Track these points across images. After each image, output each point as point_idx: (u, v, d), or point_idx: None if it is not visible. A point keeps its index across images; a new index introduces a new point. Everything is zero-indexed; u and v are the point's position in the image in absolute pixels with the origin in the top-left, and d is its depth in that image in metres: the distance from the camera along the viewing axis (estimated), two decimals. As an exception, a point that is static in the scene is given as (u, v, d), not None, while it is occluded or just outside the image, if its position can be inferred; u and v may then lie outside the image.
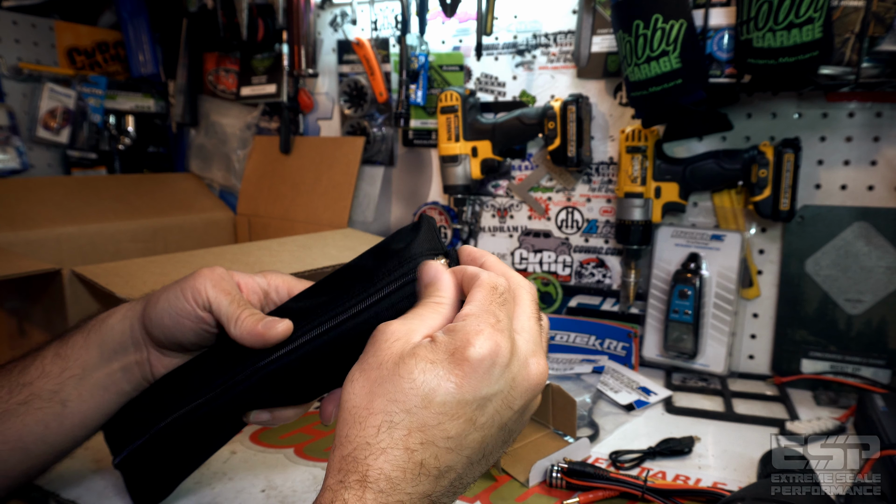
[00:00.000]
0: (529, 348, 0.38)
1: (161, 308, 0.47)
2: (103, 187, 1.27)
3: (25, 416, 0.48)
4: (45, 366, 0.50)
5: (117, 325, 0.50)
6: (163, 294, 0.48)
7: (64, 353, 0.50)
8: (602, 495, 0.61)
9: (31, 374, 0.49)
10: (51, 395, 0.49)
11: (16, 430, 0.48)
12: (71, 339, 0.51)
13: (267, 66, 1.31)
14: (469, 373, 0.34)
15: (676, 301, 0.93)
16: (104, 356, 0.50)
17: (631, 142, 0.93)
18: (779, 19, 0.71)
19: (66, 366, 0.50)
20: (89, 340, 0.50)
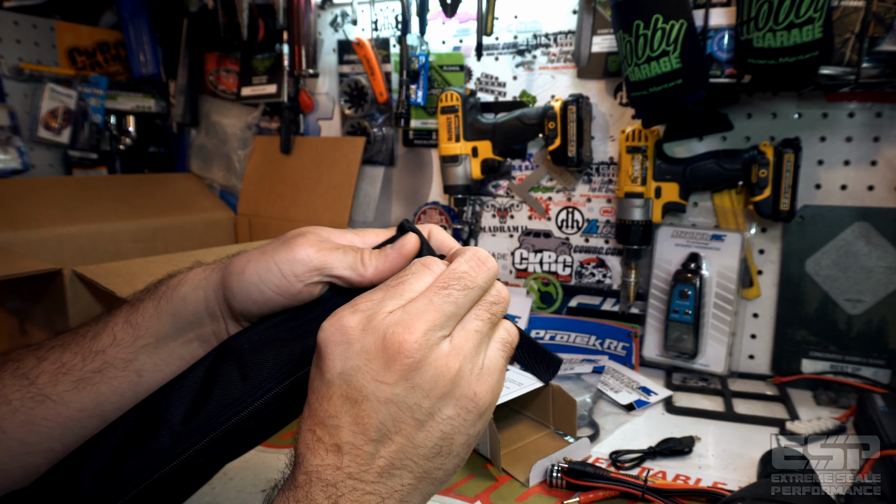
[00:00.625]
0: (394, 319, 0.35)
1: (248, 282, 0.44)
2: (104, 187, 1.27)
3: (101, 385, 0.47)
4: (116, 333, 0.48)
5: (190, 294, 0.48)
6: (249, 266, 0.44)
7: (135, 321, 0.48)
8: (602, 495, 0.61)
9: (103, 342, 0.48)
10: (125, 365, 0.48)
11: (92, 398, 0.47)
12: (142, 307, 0.49)
13: (267, 66, 1.32)
14: (323, 355, 0.36)
15: (676, 301, 0.93)
16: (178, 327, 0.48)
17: (631, 142, 0.93)
18: (779, 19, 0.71)
19: (139, 334, 0.48)
20: (161, 310, 0.48)
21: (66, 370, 0.47)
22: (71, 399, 0.47)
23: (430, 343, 0.35)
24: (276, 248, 0.44)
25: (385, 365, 0.35)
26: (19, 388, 0.47)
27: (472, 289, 0.38)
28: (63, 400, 0.47)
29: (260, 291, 0.44)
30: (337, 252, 0.43)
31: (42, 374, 0.48)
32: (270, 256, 0.44)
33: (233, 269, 0.45)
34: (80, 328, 0.50)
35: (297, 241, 0.44)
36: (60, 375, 0.47)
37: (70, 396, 0.47)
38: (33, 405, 0.47)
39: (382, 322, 0.36)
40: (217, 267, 0.48)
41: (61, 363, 0.48)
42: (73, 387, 0.47)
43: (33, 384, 0.47)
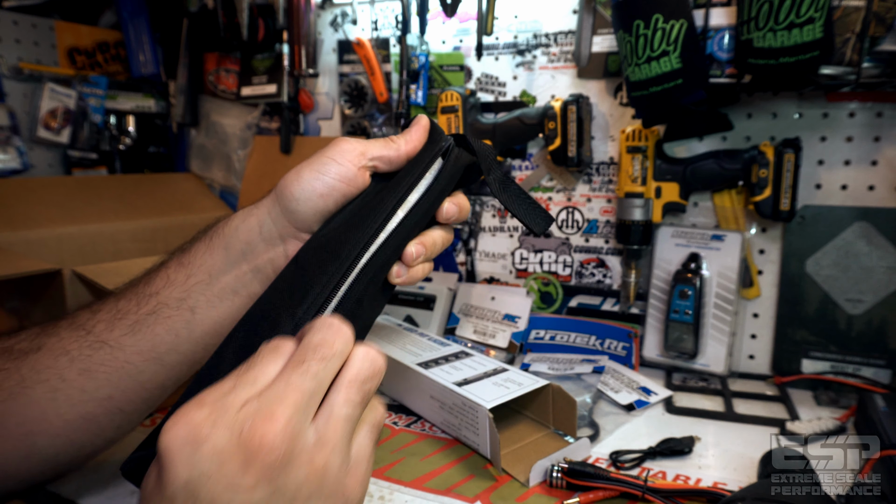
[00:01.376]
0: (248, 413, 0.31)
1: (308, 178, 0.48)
2: (104, 187, 1.27)
3: (155, 326, 0.48)
4: (169, 275, 0.50)
5: (242, 224, 0.50)
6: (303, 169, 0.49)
7: (187, 261, 0.50)
8: (602, 495, 0.61)
9: (156, 285, 0.49)
10: (178, 303, 0.49)
11: (148, 340, 0.48)
12: (192, 248, 0.50)
13: (267, 66, 1.31)
14: (165, 466, 0.30)
15: (677, 301, 0.93)
16: (230, 259, 0.50)
17: (631, 142, 0.93)
18: (779, 19, 0.71)
19: (191, 272, 0.49)
20: (212, 245, 0.50)
21: (122, 315, 0.49)
22: (127, 343, 0.48)
23: (295, 433, 0.31)
24: (322, 151, 0.49)
25: (243, 466, 0.29)
26: (77, 339, 0.49)
27: (331, 358, 0.34)
28: (120, 344, 0.48)
29: (322, 183, 0.48)
30: (371, 140, 0.50)
31: (98, 323, 0.49)
32: (320, 156, 0.49)
33: (287, 183, 0.49)
34: (134, 279, 0.51)
35: (337, 140, 0.50)
36: (116, 321, 0.49)
37: (126, 340, 0.48)
38: (91, 352, 0.48)
39: (238, 415, 0.30)
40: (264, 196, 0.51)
41: (116, 310, 0.49)
42: (129, 330, 0.48)
43: (90, 333, 0.49)
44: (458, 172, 0.52)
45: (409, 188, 0.49)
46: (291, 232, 0.50)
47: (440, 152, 0.52)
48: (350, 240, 0.46)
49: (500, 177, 0.54)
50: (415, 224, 0.50)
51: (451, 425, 0.73)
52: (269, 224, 0.49)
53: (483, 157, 0.53)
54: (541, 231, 0.54)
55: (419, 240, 0.50)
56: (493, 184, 0.53)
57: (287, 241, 0.50)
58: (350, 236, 0.46)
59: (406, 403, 0.81)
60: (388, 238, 0.48)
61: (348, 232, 0.47)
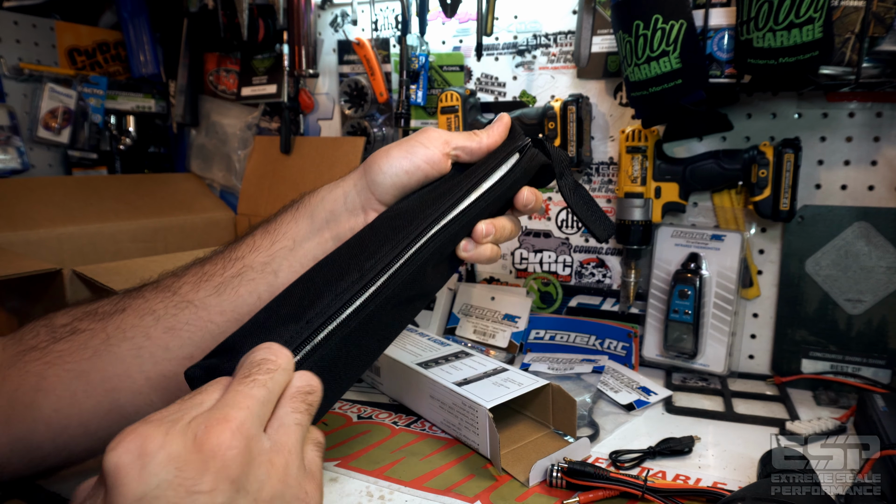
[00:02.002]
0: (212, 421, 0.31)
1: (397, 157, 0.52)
2: (104, 187, 1.27)
3: (239, 288, 0.50)
4: (255, 241, 0.52)
5: (328, 195, 0.52)
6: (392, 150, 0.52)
7: (272, 229, 0.52)
8: (602, 495, 0.61)
9: (242, 250, 0.51)
10: (262, 267, 0.50)
11: (231, 301, 0.50)
12: (278, 218, 0.53)
13: (267, 66, 1.32)
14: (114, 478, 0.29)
15: (676, 301, 0.93)
16: (315, 226, 0.52)
17: (631, 142, 0.93)
18: (779, 19, 0.71)
19: (276, 238, 0.51)
20: (298, 214, 0.52)
21: (208, 277, 0.51)
22: (212, 303, 0.50)
23: (250, 434, 0.31)
24: (411, 136, 0.53)
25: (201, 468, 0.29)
26: (163, 300, 0.50)
27: (277, 370, 0.35)
28: (204, 304, 0.50)
29: (410, 162, 0.51)
30: (456, 132, 0.54)
31: (184, 285, 0.51)
32: (409, 140, 0.53)
33: (376, 158, 0.52)
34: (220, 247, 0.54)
35: (426, 128, 0.54)
36: (202, 282, 0.50)
37: (211, 301, 0.50)
38: (176, 311, 0.50)
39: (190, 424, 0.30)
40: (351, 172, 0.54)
41: (202, 272, 0.51)
42: (214, 291, 0.50)
43: (176, 294, 0.50)
44: (533, 170, 0.57)
45: (486, 175, 0.53)
46: (373, 203, 0.52)
47: (518, 149, 0.56)
48: (424, 212, 0.50)
49: (571, 182, 0.58)
50: (487, 205, 0.53)
51: (450, 425, 0.73)
52: (354, 195, 0.52)
53: (557, 160, 0.58)
54: (602, 237, 0.58)
55: (490, 221, 0.53)
56: (564, 187, 0.57)
57: (368, 211, 0.52)
58: (425, 209, 0.50)
59: (406, 403, 0.82)
60: (460, 214, 0.51)
61: (424, 205, 0.51)
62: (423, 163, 0.52)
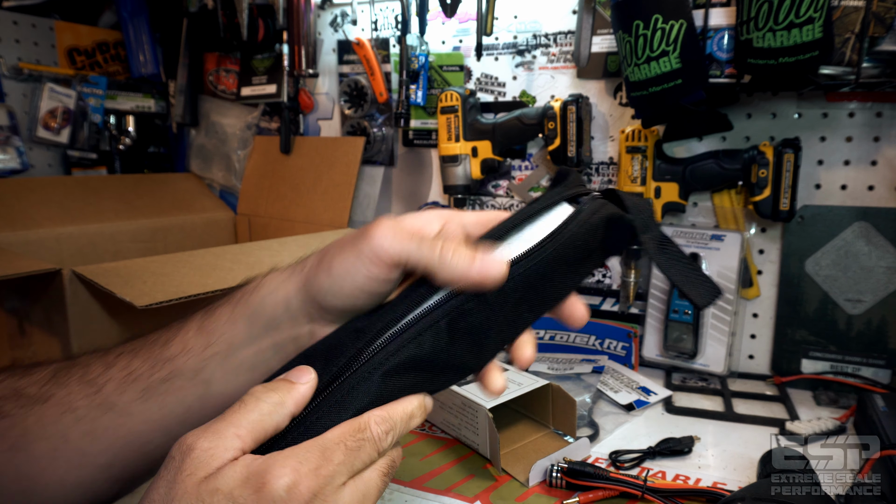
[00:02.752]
0: (352, 496, 0.34)
1: (336, 275, 0.42)
2: (103, 187, 1.27)
3: (167, 396, 0.46)
4: (187, 341, 0.46)
5: (268, 297, 0.45)
6: (335, 261, 0.42)
7: (209, 328, 0.47)
8: (602, 495, 0.61)
9: (173, 349, 0.46)
10: (193, 374, 0.46)
11: (157, 409, 0.46)
12: (216, 312, 0.47)
13: (267, 66, 1.31)
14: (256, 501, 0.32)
15: (676, 301, 0.93)
16: (253, 332, 0.46)
17: (631, 142, 0.93)
18: (779, 19, 0.71)
19: (211, 341, 0.46)
20: (236, 314, 0.46)
21: (134, 378, 0.46)
22: (136, 410, 0.45)
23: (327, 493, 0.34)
24: (357, 240, 0.42)
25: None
26: (86, 396, 0.46)
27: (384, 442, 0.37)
28: (128, 411, 0.45)
29: (352, 283, 0.42)
30: (412, 241, 0.40)
31: (109, 381, 0.46)
32: (353, 248, 0.42)
33: (320, 266, 0.43)
34: (154, 334, 0.48)
35: (376, 230, 0.41)
36: (128, 383, 0.46)
37: (135, 407, 0.45)
38: (97, 414, 0.45)
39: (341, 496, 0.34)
40: (297, 269, 0.46)
41: (129, 370, 0.46)
42: (140, 396, 0.45)
43: (100, 392, 0.46)
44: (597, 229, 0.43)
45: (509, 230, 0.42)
46: (320, 315, 0.46)
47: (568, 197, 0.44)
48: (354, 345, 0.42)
49: (658, 236, 0.45)
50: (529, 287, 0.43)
51: (450, 425, 0.73)
52: (297, 303, 0.45)
53: (637, 211, 0.44)
54: (704, 305, 0.44)
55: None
56: (648, 242, 0.44)
57: (315, 321, 0.46)
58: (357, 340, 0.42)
59: (406, 403, 0.81)
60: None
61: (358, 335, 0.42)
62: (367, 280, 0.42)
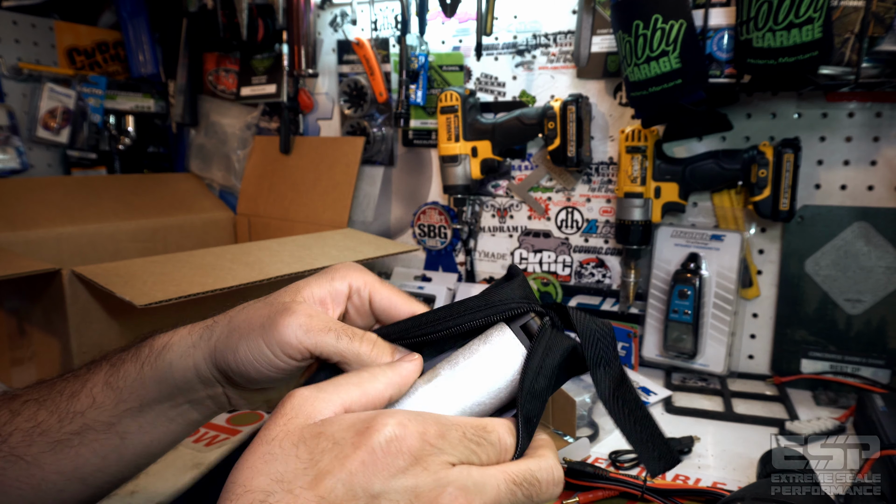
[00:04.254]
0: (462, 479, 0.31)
1: (243, 359, 0.41)
2: (103, 187, 1.27)
3: (80, 448, 0.44)
4: (95, 396, 0.44)
5: (177, 362, 0.43)
6: (241, 343, 0.41)
7: (116, 385, 0.44)
8: (602, 495, 0.61)
9: (81, 403, 0.44)
10: (106, 428, 0.44)
11: (70, 461, 0.44)
12: (122, 370, 0.45)
13: (267, 66, 1.31)
14: (366, 457, 0.30)
15: (676, 301, 0.93)
16: (164, 393, 0.44)
17: (631, 142, 0.93)
18: (779, 19, 0.71)
19: (121, 398, 0.44)
20: (144, 376, 0.44)
21: (42, 430, 0.44)
22: (47, 461, 0.44)
23: None
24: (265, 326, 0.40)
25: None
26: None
27: (531, 502, 0.34)
28: (38, 462, 0.44)
29: (256, 371, 0.41)
30: (327, 336, 0.39)
31: (15, 431, 0.44)
32: (259, 336, 0.40)
33: (227, 345, 0.41)
34: (58, 383, 0.46)
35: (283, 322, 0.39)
36: (36, 436, 0.44)
37: (46, 458, 0.44)
38: (5, 465, 0.43)
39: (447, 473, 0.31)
40: (204, 334, 0.43)
41: (36, 422, 0.44)
42: (50, 448, 0.44)
43: (5, 442, 0.44)
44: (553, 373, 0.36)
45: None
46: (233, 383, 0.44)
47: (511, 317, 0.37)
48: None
49: (616, 375, 0.36)
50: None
51: (450, 425, 0.73)
52: (205, 369, 0.43)
53: (591, 340, 0.36)
54: (655, 473, 0.36)
55: None
56: (601, 382, 0.36)
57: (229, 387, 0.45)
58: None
59: (405, 403, 0.81)
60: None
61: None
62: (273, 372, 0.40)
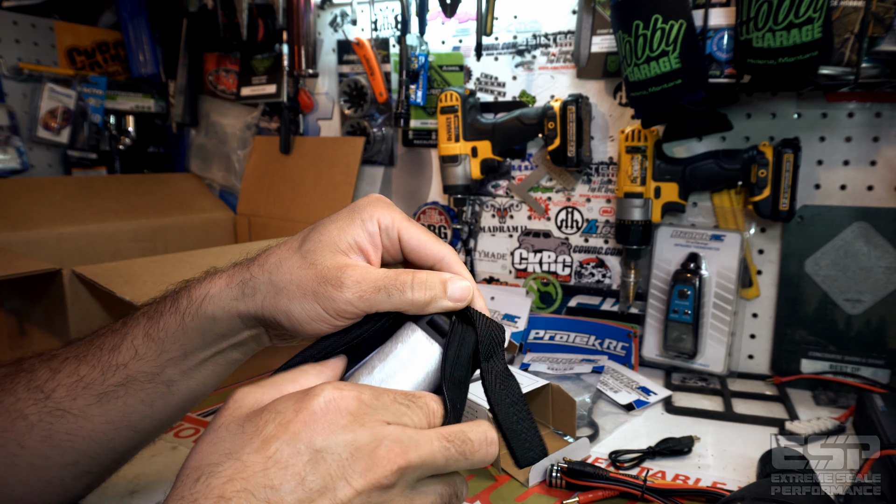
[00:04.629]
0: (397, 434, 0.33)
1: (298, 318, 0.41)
2: (103, 187, 1.27)
3: (127, 398, 0.45)
4: (137, 347, 0.45)
5: (221, 314, 0.44)
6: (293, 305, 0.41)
7: (157, 336, 0.45)
8: (602, 495, 0.61)
9: (123, 356, 0.45)
10: (151, 377, 0.45)
11: (118, 410, 0.45)
12: (163, 321, 0.45)
13: (267, 66, 1.31)
14: (307, 418, 0.32)
15: (676, 301, 0.93)
16: (208, 340, 0.45)
17: (631, 142, 0.93)
18: (778, 19, 0.71)
19: (163, 349, 0.45)
20: (187, 327, 0.45)
21: (86, 384, 0.45)
22: (95, 413, 0.45)
23: (408, 480, 0.34)
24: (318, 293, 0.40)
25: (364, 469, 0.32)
26: (35, 402, 0.45)
27: (466, 459, 0.36)
28: (85, 414, 0.45)
29: (312, 327, 0.41)
30: (380, 294, 0.40)
31: (59, 387, 0.45)
32: (313, 300, 0.40)
33: (277, 306, 0.42)
34: (95, 339, 0.47)
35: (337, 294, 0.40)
36: (80, 389, 0.45)
37: (93, 410, 0.45)
38: (52, 420, 0.44)
39: (383, 428, 0.33)
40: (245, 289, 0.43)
41: (79, 376, 0.45)
42: (96, 401, 0.45)
43: (49, 398, 0.45)
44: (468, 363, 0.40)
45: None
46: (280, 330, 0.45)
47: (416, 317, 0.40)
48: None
49: (501, 370, 0.40)
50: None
51: (450, 425, 0.73)
52: (252, 322, 0.44)
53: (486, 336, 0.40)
54: (524, 464, 0.39)
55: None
56: (488, 374, 0.39)
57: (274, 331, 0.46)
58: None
59: (406, 403, 0.81)
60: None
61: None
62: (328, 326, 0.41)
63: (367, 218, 0.43)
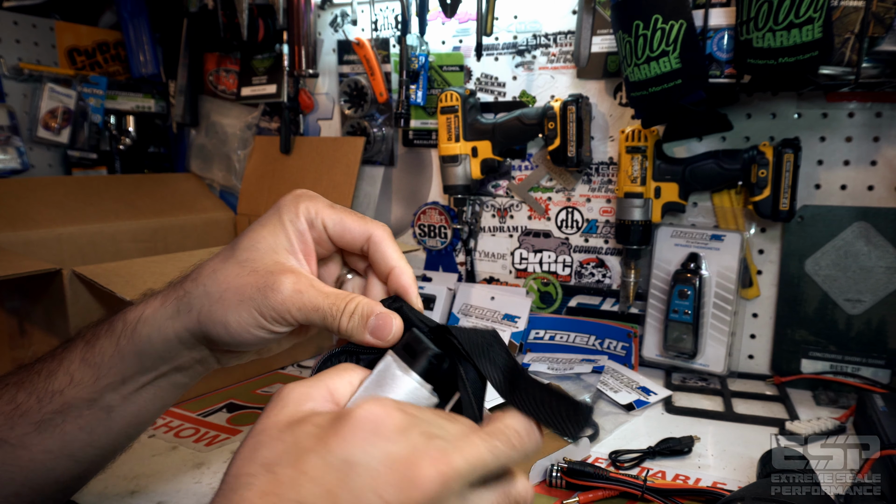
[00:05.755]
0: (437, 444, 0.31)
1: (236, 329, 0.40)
2: (104, 187, 1.27)
3: (65, 425, 0.44)
4: (73, 373, 0.44)
5: (156, 335, 0.43)
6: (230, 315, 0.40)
7: (93, 361, 0.44)
8: (602, 495, 0.61)
9: (59, 382, 0.44)
10: (89, 404, 0.44)
11: (57, 438, 0.44)
12: (98, 346, 0.44)
13: (267, 66, 1.31)
14: (344, 432, 0.31)
15: (676, 301, 0.93)
16: (146, 365, 0.44)
17: (631, 142, 0.93)
18: (779, 19, 0.71)
19: (100, 374, 0.44)
20: (123, 350, 0.43)
21: (23, 412, 0.44)
22: (33, 442, 0.44)
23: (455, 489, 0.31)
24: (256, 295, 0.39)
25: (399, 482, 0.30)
26: None
27: (516, 452, 0.34)
28: (23, 443, 0.43)
29: (250, 337, 0.41)
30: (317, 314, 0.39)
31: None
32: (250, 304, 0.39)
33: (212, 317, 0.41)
34: (34, 365, 0.46)
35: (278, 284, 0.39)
36: (17, 417, 0.43)
37: (32, 439, 0.44)
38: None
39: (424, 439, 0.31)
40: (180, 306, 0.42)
41: (16, 404, 0.44)
42: (34, 429, 0.43)
43: None
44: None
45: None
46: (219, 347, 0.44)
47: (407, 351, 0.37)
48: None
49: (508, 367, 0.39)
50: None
51: (450, 425, 0.73)
52: (191, 340, 0.43)
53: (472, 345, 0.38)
54: (574, 435, 0.36)
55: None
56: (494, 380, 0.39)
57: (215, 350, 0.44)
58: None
59: (406, 403, 0.81)
60: None
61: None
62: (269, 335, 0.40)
63: (293, 217, 0.43)
